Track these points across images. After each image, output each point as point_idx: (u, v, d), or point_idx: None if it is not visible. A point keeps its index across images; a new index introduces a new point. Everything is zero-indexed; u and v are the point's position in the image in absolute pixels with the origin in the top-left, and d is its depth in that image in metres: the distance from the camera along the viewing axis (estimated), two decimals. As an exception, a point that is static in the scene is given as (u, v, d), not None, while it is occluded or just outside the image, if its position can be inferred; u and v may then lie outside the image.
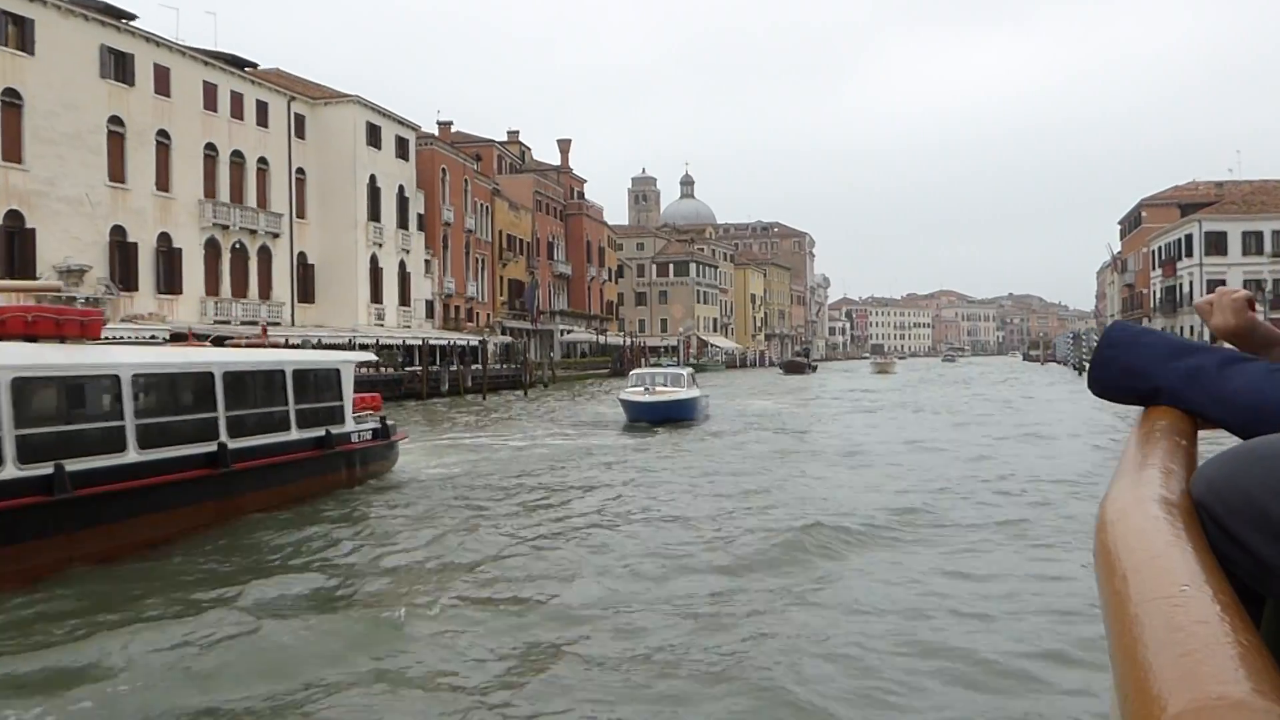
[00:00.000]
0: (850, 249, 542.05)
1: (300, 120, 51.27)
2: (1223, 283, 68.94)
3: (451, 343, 52.54)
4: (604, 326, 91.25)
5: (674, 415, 28.12)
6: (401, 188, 57.14)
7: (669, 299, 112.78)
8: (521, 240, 77.69)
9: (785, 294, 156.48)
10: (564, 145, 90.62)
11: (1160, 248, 77.10)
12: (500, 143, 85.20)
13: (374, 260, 54.00)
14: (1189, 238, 70.31)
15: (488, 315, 70.12)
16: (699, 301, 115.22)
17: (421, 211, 60.16)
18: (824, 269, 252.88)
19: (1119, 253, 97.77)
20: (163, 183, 42.27)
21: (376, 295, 54.10)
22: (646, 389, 28.44)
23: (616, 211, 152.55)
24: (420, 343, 47.92)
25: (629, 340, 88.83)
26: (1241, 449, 0.78)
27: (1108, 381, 1.22)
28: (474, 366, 50.04)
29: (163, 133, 42.28)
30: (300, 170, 51.10)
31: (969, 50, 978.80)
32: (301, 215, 51.08)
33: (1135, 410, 1.21)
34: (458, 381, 46.73)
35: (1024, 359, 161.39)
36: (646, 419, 27.71)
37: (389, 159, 55.60)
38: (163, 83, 42.28)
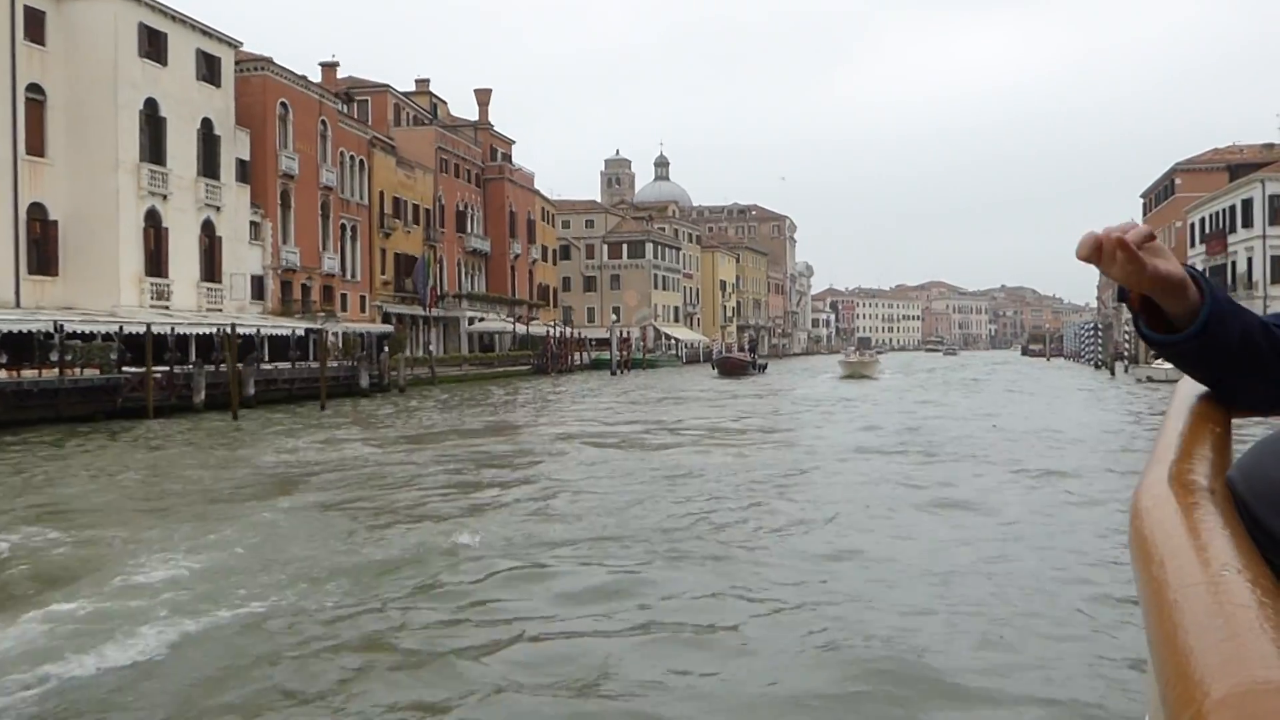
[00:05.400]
0: (838, 239, 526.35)
1: (37, 19, 36.37)
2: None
3: (258, 330, 37.43)
4: (532, 314, 76.46)
5: None
6: (209, 122, 42.32)
7: (622, 284, 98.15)
8: (418, 206, 62.91)
9: (761, 282, 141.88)
10: (483, 95, 75.61)
11: (1204, 219, 62.69)
12: (404, 92, 70.15)
13: (153, 217, 39.18)
14: (1246, 204, 55.88)
15: (361, 298, 55.41)
16: (657, 287, 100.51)
17: (246, 157, 45.37)
18: (810, 259, 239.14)
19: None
20: None
21: (157, 266, 39.30)
22: None
23: (592, 197, 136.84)
24: (170, 330, 32.99)
25: (557, 330, 73.94)
26: (1272, 436, 0.75)
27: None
28: (272, 364, 35.32)
29: None
30: (36, 88, 36.27)
31: (963, 39, 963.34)
32: (38, 152, 36.26)
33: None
34: (235, 386, 31.92)
35: (1023, 353, 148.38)
36: None
37: (183, 80, 40.73)
38: None
